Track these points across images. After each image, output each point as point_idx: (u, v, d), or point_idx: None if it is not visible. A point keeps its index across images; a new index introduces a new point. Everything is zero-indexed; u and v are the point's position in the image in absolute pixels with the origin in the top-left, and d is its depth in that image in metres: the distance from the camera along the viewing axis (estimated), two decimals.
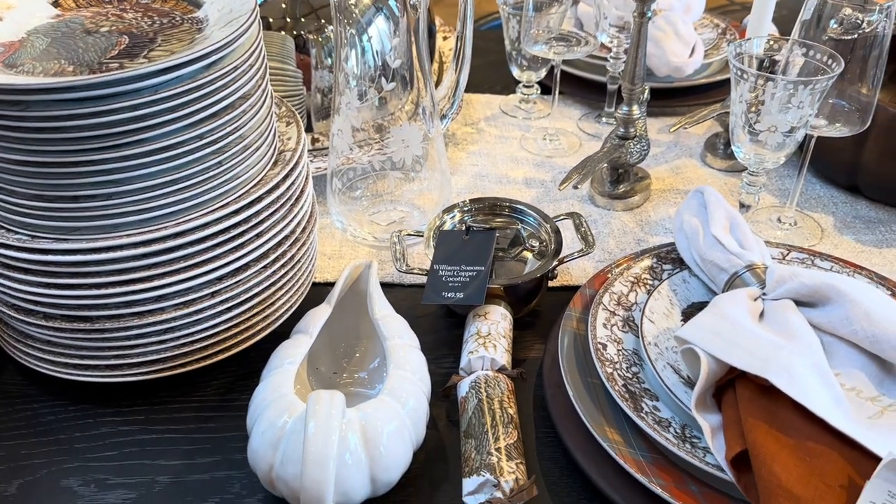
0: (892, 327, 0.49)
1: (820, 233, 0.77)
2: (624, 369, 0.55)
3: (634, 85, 0.75)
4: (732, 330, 0.51)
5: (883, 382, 0.50)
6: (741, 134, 0.66)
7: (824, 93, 0.63)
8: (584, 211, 0.80)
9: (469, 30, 0.72)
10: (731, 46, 0.64)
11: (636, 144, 0.79)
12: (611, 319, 0.59)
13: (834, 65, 0.63)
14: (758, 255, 0.59)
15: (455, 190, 0.84)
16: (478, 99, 1.02)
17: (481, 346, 0.58)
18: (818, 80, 0.61)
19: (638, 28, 0.72)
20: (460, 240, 0.64)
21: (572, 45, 0.86)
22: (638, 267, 0.64)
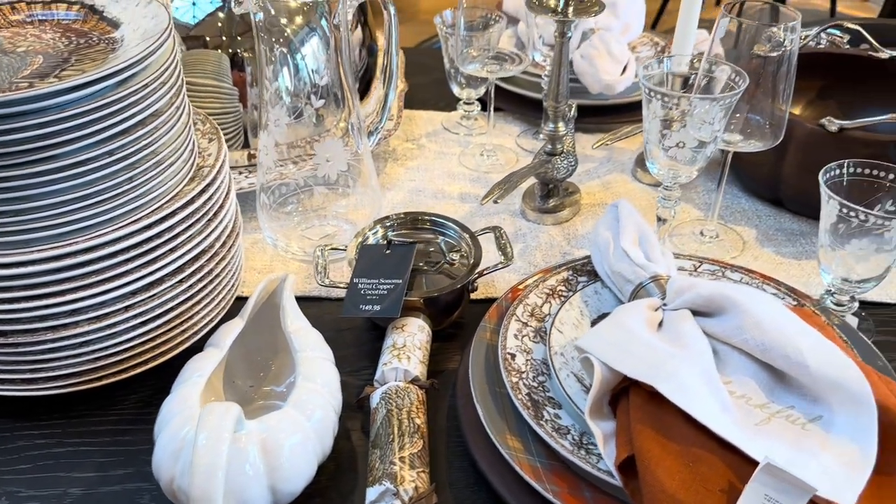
0: (781, 336, 0.51)
1: (741, 245, 0.79)
2: (530, 378, 0.57)
3: (558, 103, 0.77)
4: (627, 339, 0.52)
5: (773, 390, 0.52)
6: (654, 150, 0.68)
7: (730, 109, 0.65)
8: (515, 225, 0.82)
9: (395, 46, 0.74)
10: (640, 67, 0.66)
11: (563, 161, 0.81)
12: (522, 330, 0.61)
13: (740, 81, 0.65)
14: (663, 266, 0.61)
15: (390, 205, 0.85)
16: (420, 115, 1.04)
17: (395, 358, 0.59)
18: (723, 96, 0.64)
19: (559, 48, 0.74)
20: (381, 254, 0.66)
21: (506, 64, 0.88)
22: (554, 279, 0.66)
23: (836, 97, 0.93)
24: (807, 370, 0.49)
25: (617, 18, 1.05)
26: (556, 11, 0.72)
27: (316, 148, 0.69)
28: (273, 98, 0.68)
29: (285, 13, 0.65)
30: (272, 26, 0.66)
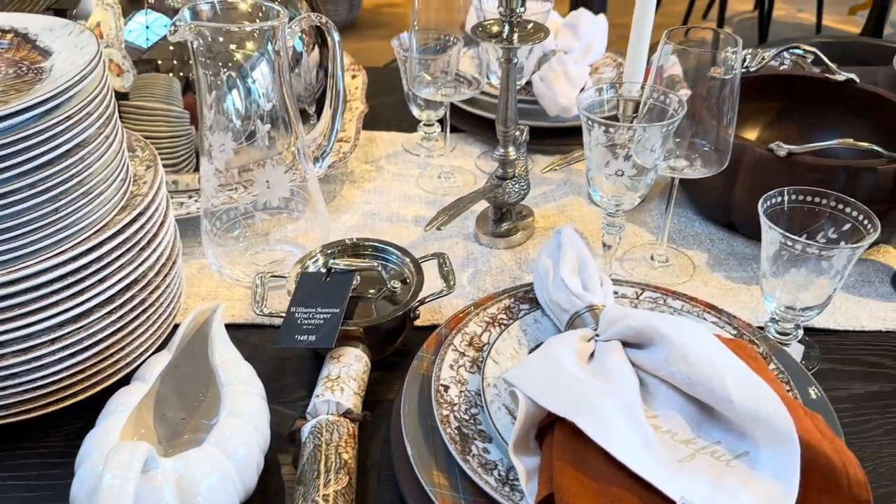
0: (707, 370, 0.50)
1: (692, 270, 0.78)
2: (462, 411, 0.56)
3: (507, 127, 0.77)
4: (553, 373, 0.51)
5: (701, 425, 0.51)
6: (597, 177, 0.68)
7: (669, 136, 0.65)
8: (467, 249, 0.82)
9: (339, 69, 0.74)
10: (581, 96, 0.66)
11: (515, 185, 0.80)
12: (459, 360, 0.60)
13: (679, 108, 0.65)
14: (599, 296, 0.61)
15: (344, 228, 0.85)
16: (381, 136, 1.03)
17: (328, 390, 0.58)
18: (661, 124, 0.63)
19: (506, 73, 0.74)
20: (320, 282, 0.65)
21: (462, 87, 0.88)
22: (496, 307, 0.65)
23: (795, 119, 0.93)
24: (731, 405, 0.49)
25: (578, 40, 1.05)
26: (501, 38, 0.72)
27: (257, 174, 0.68)
28: (214, 124, 0.68)
29: (224, 40, 0.65)
30: (211, 52, 0.65)
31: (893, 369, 0.67)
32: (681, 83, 0.96)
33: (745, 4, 3.95)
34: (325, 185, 0.92)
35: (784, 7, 4.07)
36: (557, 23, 1.08)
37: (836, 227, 0.64)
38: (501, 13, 0.71)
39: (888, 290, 0.75)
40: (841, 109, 0.90)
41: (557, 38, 1.06)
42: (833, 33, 3.76)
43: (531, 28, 0.72)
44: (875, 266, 0.79)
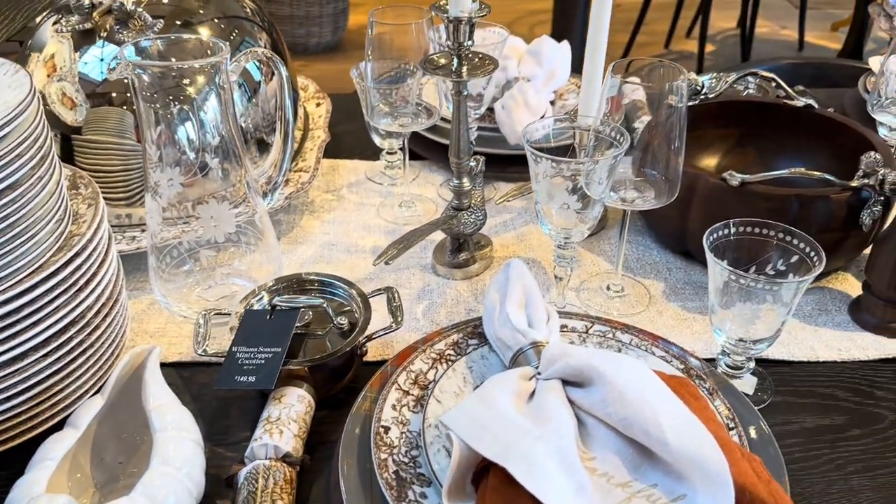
0: (644, 410, 0.50)
1: (647, 300, 0.78)
2: (402, 453, 0.55)
3: (461, 159, 0.77)
4: (488, 415, 0.51)
5: (639, 467, 0.50)
6: (544, 209, 0.67)
7: (615, 168, 0.65)
8: (423, 280, 0.81)
9: (287, 102, 0.73)
10: (526, 128, 0.65)
11: (470, 215, 0.80)
12: (402, 400, 0.59)
13: (623, 141, 0.65)
14: (544, 332, 0.60)
15: (300, 260, 0.84)
16: (344, 165, 1.03)
17: (266, 433, 0.57)
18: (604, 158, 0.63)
19: (457, 106, 0.74)
20: (264, 320, 0.64)
21: (419, 117, 0.88)
22: (443, 342, 0.64)
23: (755, 145, 0.93)
24: (667, 447, 0.48)
25: (541, 67, 1.05)
26: (449, 71, 0.71)
27: (201, 211, 0.68)
28: (158, 159, 0.67)
29: (165, 76, 0.65)
30: (153, 88, 0.65)
31: (846, 401, 0.66)
32: (643, 109, 0.96)
33: (729, 22, 3.98)
34: (284, 216, 0.92)
35: (767, 24, 4.11)
36: (521, 50, 1.08)
37: (785, 258, 0.63)
38: (450, 46, 0.70)
39: (845, 318, 0.75)
40: (800, 135, 0.90)
41: (521, 66, 1.06)
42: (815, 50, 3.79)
43: (480, 60, 0.72)
44: (832, 294, 0.78)
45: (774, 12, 4.22)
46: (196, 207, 0.68)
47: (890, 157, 0.79)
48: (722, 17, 4.00)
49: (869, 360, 0.70)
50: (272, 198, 0.75)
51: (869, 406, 0.66)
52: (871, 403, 0.66)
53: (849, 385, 0.68)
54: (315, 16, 3.42)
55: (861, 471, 0.60)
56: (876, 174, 0.73)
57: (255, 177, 0.73)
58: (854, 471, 0.60)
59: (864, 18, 3.03)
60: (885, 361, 0.70)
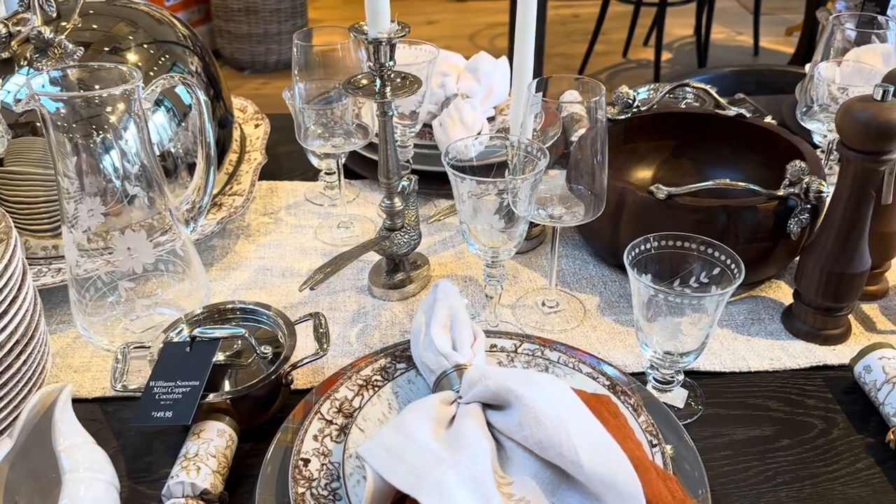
0: (559, 432, 0.49)
1: (582, 314, 0.77)
2: (322, 486, 0.54)
3: (390, 179, 0.76)
4: (404, 444, 0.50)
5: (557, 490, 0.50)
6: (469, 229, 0.67)
7: (536, 185, 0.64)
8: (359, 303, 0.80)
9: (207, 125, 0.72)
10: (448, 147, 0.65)
11: (404, 236, 0.79)
12: (325, 430, 0.58)
13: (541, 156, 0.64)
14: (468, 354, 0.59)
15: (233, 286, 0.83)
16: (283, 186, 1.02)
17: (182, 471, 0.56)
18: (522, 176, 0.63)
19: (382, 126, 0.73)
20: (183, 352, 0.63)
21: (352, 137, 0.87)
22: (370, 368, 0.63)
23: (689, 156, 0.94)
24: (581, 469, 0.48)
25: (479, 83, 1.05)
26: (374, 93, 0.71)
27: (116, 241, 0.66)
28: (72, 191, 0.65)
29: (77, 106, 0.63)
30: (66, 119, 0.63)
31: (777, 411, 0.66)
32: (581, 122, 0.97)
33: (686, 29, 4.04)
34: (219, 241, 0.90)
35: (723, 30, 4.18)
36: (460, 66, 1.08)
37: (707, 269, 0.63)
38: (371, 67, 0.70)
39: (777, 327, 0.75)
40: (733, 144, 0.91)
41: (459, 82, 1.06)
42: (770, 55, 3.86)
43: (403, 80, 0.71)
44: (765, 303, 0.79)
45: (729, 18, 4.30)
46: (112, 238, 0.66)
47: (818, 164, 0.80)
48: (678, 25, 4.07)
49: (800, 369, 0.70)
50: (197, 223, 0.73)
51: (799, 415, 0.66)
52: (801, 413, 0.66)
53: (780, 395, 0.68)
54: (273, 33, 3.40)
55: (789, 482, 0.60)
56: (801, 182, 0.74)
57: (177, 204, 0.72)
58: (782, 482, 0.60)
59: (815, 24, 3.09)
60: (816, 369, 0.71)
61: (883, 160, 0.65)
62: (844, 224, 0.68)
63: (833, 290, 0.70)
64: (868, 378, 0.65)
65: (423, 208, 0.96)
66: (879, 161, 0.65)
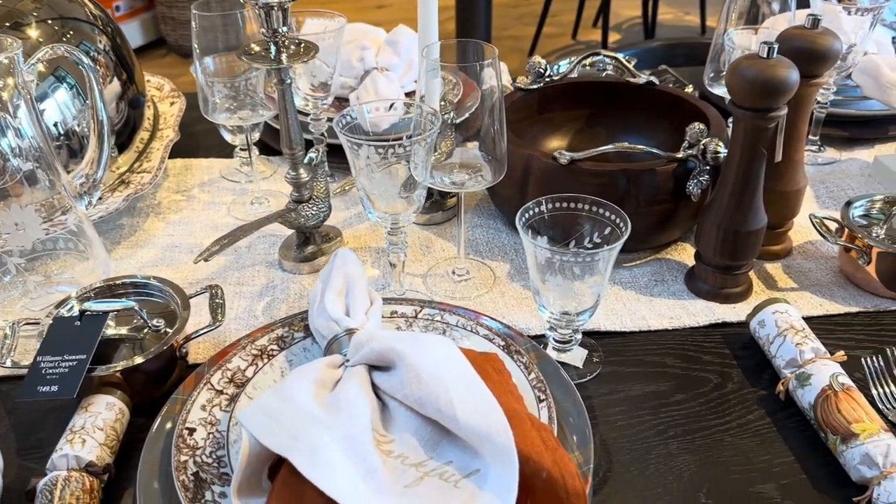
0: (437, 388, 0.49)
1: (492, 281, 0.78)
2: (207, 454, 0.53)
3: (293, 150, 0.75)
4: (282, 407, 0.49)
5: (437, 446, 0.50)
6: (367, 197, 0.66)
7: (431, 149, 0.64)
8: (268, 276, 0.79)
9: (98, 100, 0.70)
10: (337, 118, 0.64)
11: (311, 208, 0.78)
12: (214, 400, 0.57)
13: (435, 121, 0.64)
14: (360, 319, 0.59)
15: (139, 264, 0.81)
16: (199, 164, 1.00)
17: (67, 444, 0.54)
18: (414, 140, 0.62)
19: (281, 95, 0.72)
20: (72, 327, 0.61)
21: (259, 110, 0.86)
22: (266, 338, 0.63)
23: (604, 124, 0.95)
24: (457, 423, 0.48)
25: (399, 57, 1.04)
26: (269, 59, 0.70)
27: (2, 217, 0.64)
28: None
29: None
30: None
31: (674, 368, 0.67)
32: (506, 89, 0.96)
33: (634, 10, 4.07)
34: (128, 219, 0.88)
35: (671, 11, 4.22)
36: (380, 40, 1.07)
37: (599, 230, 0.64)
38: (265, 34, 0.69)
39: (680, 287, 0.77)
40: (644, 111, 0.92)
41: (379, 56, 1.05)
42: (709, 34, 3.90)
43: (299, 47, 0.70)
44: (669, 265, 0.80)
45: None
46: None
47: (721, 127, 0.81)
48: (627, 6, 4.09)
49: (699, 327, 0.72)
50: (92, 198, 0.72)
51: (695, 371, 0.67)
52: (697, 368, 0.67)
53: (677, 352, 0.69)
54: None
55: (680, 434, 0.61)
56: (699, 144, 0.75)
57: (70, 179, 0.70)
58: (673, 435, 0.61)
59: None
60: (714, 327, 0.72)
61: (770, 117, 0.66)
62: (738, 182, 0.69)
63: (730, 249, 0.72)
64: (762, 332, 0.67)
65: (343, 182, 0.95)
66: (767, 118, 0.66)
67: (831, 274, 0.78)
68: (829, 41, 0.70)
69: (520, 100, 0.91)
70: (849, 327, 0.72)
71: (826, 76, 0.73)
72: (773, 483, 0.57)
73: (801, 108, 0.74)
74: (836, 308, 0.73)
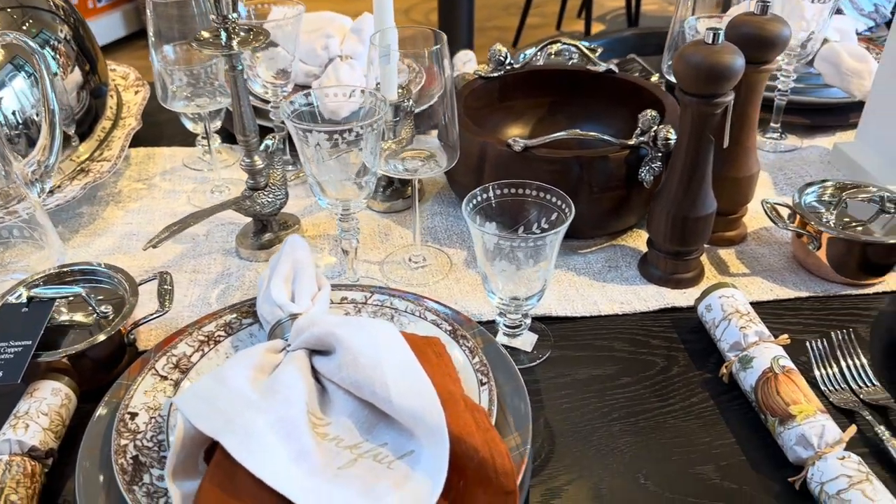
0: (373, 372, 0.50)
1: (448, 268, 0.78)
2: (148, 438, 0.53)
3: (247, 136, 0.75)
4: (218, 391, 0.50)
5: (373, 428, 0.50)
6: (316, 185, 0.66)
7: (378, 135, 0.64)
8: (225, 264, 0.79)
9: (49, 90, 0.70)
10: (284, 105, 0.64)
11: (267, 195, 0.78)
12: (159, 385, 0.57)
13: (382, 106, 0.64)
14: (305, 305, 0.59)
15: (96, 252, 0.81)
16: (161, 153, 1.00)
17: (10, 428, 0.55)
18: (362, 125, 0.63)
19: (233, 82, 0.72)
20: (19, 313, 0.61)
21: (217, 97, 0.86)
22: (214, 324, 0.63)
23: (565, 112, 0.95)
24: (391, 405, 0.48)
25: (363, 45, 1.04)
26: (220, 46, 0.70)
27: None
28: None
29: None
30: None
31: (621, 351, 0.68)
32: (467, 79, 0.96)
33: (618, 0, 4.07)
34: (87, 207, 0.88)
35: (655, 1, 4.22)
36: (345, 28, 1.07)
37: (546, 215, 0.64)
38: (215, 20, 0.69)
39: (633, 273, 0.77)
40: (604, 99, 0.92)
41: (344, 44, 1.05)
42: None
43: (249, 33, 0.70)
44: (624, 251, 0.80)
45: None
46: None
47: (677, 114, 0.82)
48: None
49: (649, 311, 0.72)
50: (45, 185, 0.71)
51: (642, 355, 0.68)
52: (644, 352, 0.68)
53: (626, 336, 0.70)
54: None
55: (624, 417, 0.61)
56: (651, 131, 0.75)
57: (22, 167, 0.70)
58: (617, 417, 0.61)
59: None
60: (665, 311, 0.73)
61: (716, 103, 0.66)
62: (686, 169, 0.70)
63: (680, 234, 0.72)
64: (709, 316, 0.68)
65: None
66: (713, 104, 0.66)
67: (784, 260, 0.79)
68: (778, 27, 0.71)
69: (480, 87, 0.91)
70: (798, 312, 0.72)
71: (776, 62, 0.73)
72: (713, 464, 0.58)
73: (751, 95, 0.75)
74: (787, 293, 0.74)
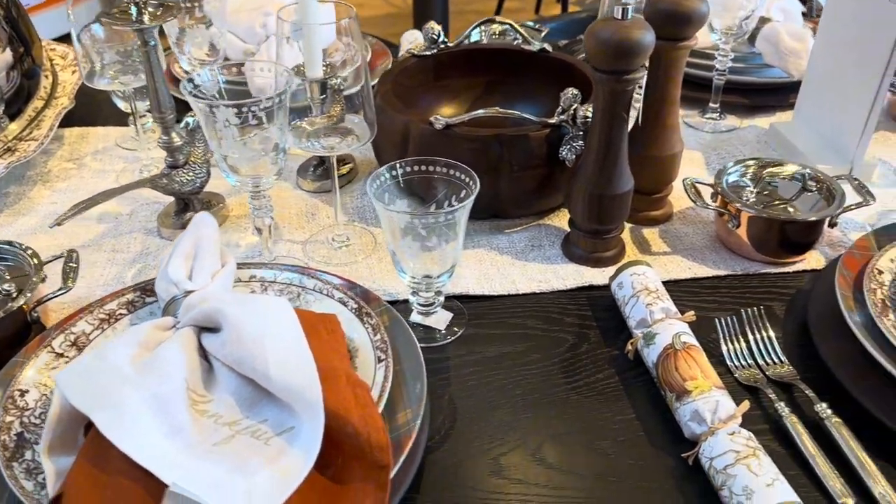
0: (255, 348, 0.49)
1: (372, 248, 0.78)
2: (37, 416, 0.53)
3: (162, 113, 0.74)
4: (97, 368, 0.49)
5: (255, 405, 0.50)
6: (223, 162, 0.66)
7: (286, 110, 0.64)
8: (145, 243, 0.78)
9: None
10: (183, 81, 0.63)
11: (187, 173, 0.78)
12: (53, 363, 0.57)
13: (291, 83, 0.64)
14: (202, 282, 0.59)
15: (17, 232, 0.80)
16: (95, 132, 0.99)
17: None
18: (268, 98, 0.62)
19: (146, 58, 0.71)
20: None
21: (139, 75, 0.85)
22: (116, 302, 0.62)
23: (501, 91, 0.94)
24: (269, 381, 0.48)
25: None
26: (131, 21, 0.69)
27: None
28: None
29: None
30: None
31: (534, 329, 0.68)
32: None
33: None
34: (15, 187, 0.87)
35: None
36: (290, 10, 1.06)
37: (456, 192, 0.64)
38: None
39: (556, 252, 0.77)
40: (538, 78, 0.92)
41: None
42: None
43: (158, 7, 0.69)
44: (548, 230, 0.80)
45: None
46: None
47: None
48: None
49: (566, 290, 0.72)
50: None
51: (554, 332, 0.68)
52: (556, 330, 0.68)
53: (541, 314, 0.70)
54: None
55: (528, 393, 0.61)
56: (570, 109, 0.75)
57: None
58: (521, 394, 0.61)
59: None
60: (582, 289, 0.72)
61: (627, 79, 0.66)
62: (601, 146, 0.70)
63: (597, 213, 0.72)
64: (620, 294, 0.68)
65: None
66: (624, 80, 0.66)
67: (707, 239, 0.79)
68: (695, 4, 0.70)
69: (414, 65, 0.90)
70: (715, 290, 0.73)
71: (695, 39, 0.73)
72: (611, 440, 0.58)
73: (672, 72, 0.74)
74: (705, 271, 0.74)
